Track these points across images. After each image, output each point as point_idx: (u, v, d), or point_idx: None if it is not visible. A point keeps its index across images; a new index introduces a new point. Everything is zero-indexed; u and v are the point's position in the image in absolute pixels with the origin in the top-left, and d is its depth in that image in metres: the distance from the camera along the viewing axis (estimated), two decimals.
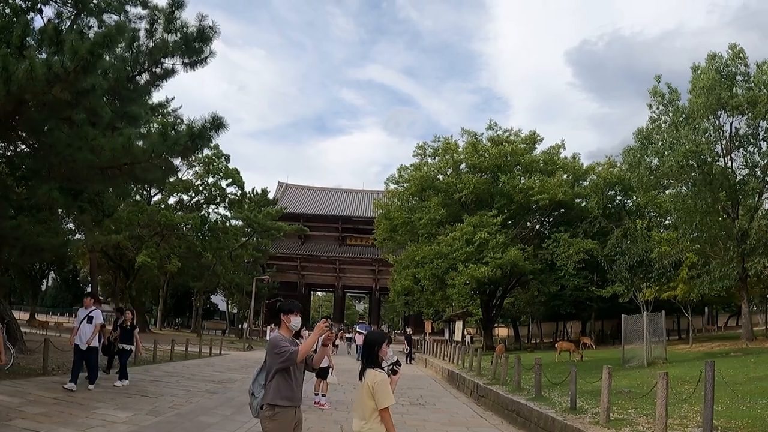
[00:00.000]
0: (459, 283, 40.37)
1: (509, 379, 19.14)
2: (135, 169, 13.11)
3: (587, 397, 14.56)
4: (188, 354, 28.24)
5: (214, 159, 53.90)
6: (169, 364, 23.25)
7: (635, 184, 34.51)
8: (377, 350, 5.33)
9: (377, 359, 5.32)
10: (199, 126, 12.94)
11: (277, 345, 5.57)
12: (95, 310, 13.61)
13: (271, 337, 6.00)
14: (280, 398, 5.53)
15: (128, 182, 14.79)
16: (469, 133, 48.32)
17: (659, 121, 33.85)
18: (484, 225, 41.92)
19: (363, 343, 5.67)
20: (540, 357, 18.88)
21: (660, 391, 9.53)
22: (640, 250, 27.08)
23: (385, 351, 5.39)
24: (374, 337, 5.50)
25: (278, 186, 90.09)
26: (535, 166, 46.79)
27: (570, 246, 41.42)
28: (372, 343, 5.40)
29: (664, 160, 30.09)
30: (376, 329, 42.30)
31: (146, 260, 44.15)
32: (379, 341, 5.41)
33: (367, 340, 5.55)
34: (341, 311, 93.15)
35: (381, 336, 5.55)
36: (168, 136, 12.67)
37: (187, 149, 13.03)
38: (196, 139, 12.90)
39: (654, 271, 27.00)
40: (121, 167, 13.09)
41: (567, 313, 50.23)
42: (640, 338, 24.22)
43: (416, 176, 47.69)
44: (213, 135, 13.14)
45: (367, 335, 5.72)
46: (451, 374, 25.73)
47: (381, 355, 5.36)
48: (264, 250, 64.25)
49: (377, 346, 5.34)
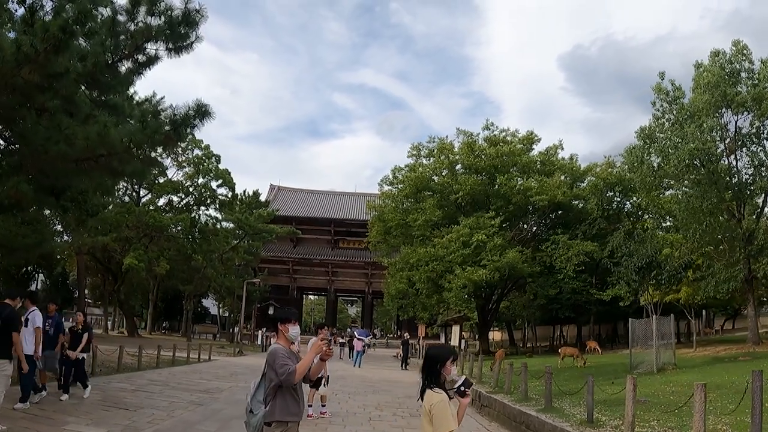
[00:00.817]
0: (456, 287, 39.30)
1: (514, 387, 18.11)
2: (112, 160, 12.01)
3: (602, 407, 13.55)
4: (176, 360, 27.06)
5: (205, 159, 52.74)
6: (155, 371, 22.06)
7: (638, 183, 33.60)
8: (440, 368, 4.62)
9: (440, 378, 4.61)
10: (182, 113, 11.85)
11: (276, 360, 5.26)
12: (32, 311, 11.64)
13: (270, 350, 5.51)
14: (288, 414, 5.32)
15: (106, 176, 13.59)
16: (465, 134, 47.37)
17: (662, 119, 33.01)
18: (481, 227, 40.93)
19: (424, 360, 4.82)
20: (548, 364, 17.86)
21: (698, 404, 8.47)
22: (648, 251, 26.07)
23: (449, 369, 4.68)
24: (437, 353, 4.77)
25: (270, 188, 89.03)
26: (532, 166, 45.86)
27: (569, 248, 40.47)
28: (434, 360, 4.68)
29: (669, 158, 29.15)
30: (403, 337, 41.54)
31: (134, 262, 42.87)
32: (443, 357, 4.69)
33: (429, 356, 4.78)
34: (333, 315, 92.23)
35: (445, 351, 4.83)
36: (148, 123, 11.55)
37: (170, 139, 11.93)
38: (179, 128, 11.83)
39: (664, 272, 25.98)
40: (97, 159, 11.99)
41: (564, 317, 49.14)
42: (643, 343, 23.28)
43: (411, 177, 46.63)
44: (198, 124, 12.06)
45: (429, 350, 4.93)
46: None
47: (444, 373, 4.65)
48: (255, 253, 63.17)
49: (440, 364, 4.64)
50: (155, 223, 45.02)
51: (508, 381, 18.05)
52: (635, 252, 26.70)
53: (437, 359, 4.63)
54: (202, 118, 12.02)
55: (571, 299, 44.20)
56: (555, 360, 32.22)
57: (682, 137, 29.54)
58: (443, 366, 4.60)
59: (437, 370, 4.60)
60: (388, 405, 17.10)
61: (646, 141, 33.16)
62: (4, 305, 9.60)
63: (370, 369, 34.45)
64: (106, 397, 13.83)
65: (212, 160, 53.01)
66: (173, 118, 11.79)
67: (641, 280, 26.85)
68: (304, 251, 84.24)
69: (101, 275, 58.81)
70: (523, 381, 16.59)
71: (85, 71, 12.70)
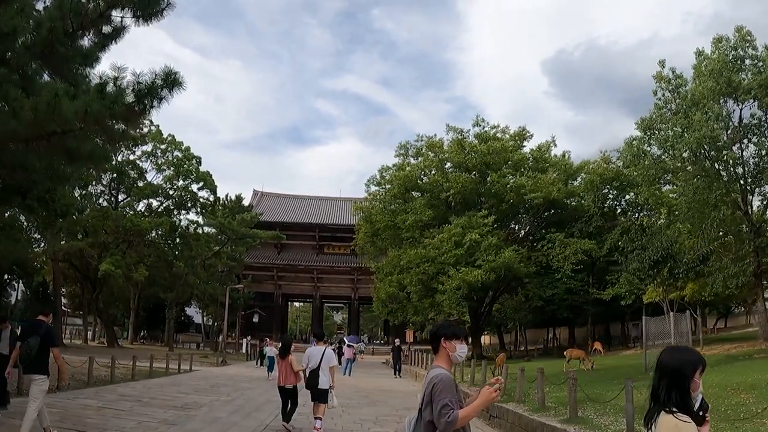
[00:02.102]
0: (450, 289, 37.60)
1: (525, 395, 16.43)
2: (67, 139, 10.20)
3: (638, 416, 11.83)
4: (153, 371, 25.15)
5: (185, 161, 50.65)
6: (128, 385, 20.13)
7: (640, 176, 32.19)
8: (688, 383, 3.15)
9: (688, 398, 3.14)
10: (147, 82, 10.08)
11: (440, 398, 3.98)
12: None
13: (434, 377, 4.16)
14: None
15: (61, 159, 11.71)
16: (455, 130, 45.76)
17: (664, 109, 31.70)
18: (473, 226, 39.31)
19: (662, 370, 3.24)
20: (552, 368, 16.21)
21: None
22: (663, 244, 24.50)
23: (697, 384, 3.22)
24: (683, 360, 3.24)
25: (253, 194, 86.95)
26: (524, 164, 44.35)
27: (566, 246, 38.98)
28: (680, 371, 3.18)
29: (674, 147, 27.76)
30: None
31: (110, 268, 40.62)
32: (692, 367, 3.20)
33: (670, 366, 3.21)
34: (320, 322, 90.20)
35: (693, 358, 3.26)
36: (107, 93, 9.75)
37: (133, 112, 10.16)
38: (144, 99, 10.05)
39: (681, 265, 24.40)
40: (50, 137, 10.18)
41: (563, 317, 47.61)
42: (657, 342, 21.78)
43: (399, 176, 44.94)
44: (166, 95, 10.29)
45: (668, 357, 3.28)
46: None
47: (693, 389, 3.19)
48: (239, 259, 61.27)
49: (689, 376, 3.17)
50: (133, 226, 42.97)
51: (520, 388, 16.33)
52: (649, 245, 25.11)
53: (682, 369, 3.16)
54: (170, 89, 10.26)
55: (568, 300, 42.78)
56: (555, 363, 30.63)
57: (687, 126, 28.18)
58: (692, 378, 3.15)
59: (685, 386, 3.13)
60: (387, 420, 15.39)
61: (646, 132, 31.97)
62: (40, 322, 9.65)
63: (361, 377, 32.65)
64: (66, 417, 11.96)
65: (193, 162, 50.95)
66: (137, 88, 10.01)
67: (656, 274, 25.24)
68: (288, 257, 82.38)
69: (80, 283, 56.83)
70: (539, 388, 14.89)
71: (40, 39, 10.97)
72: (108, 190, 50.30)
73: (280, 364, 12.69)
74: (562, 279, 40.00)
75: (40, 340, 9.20)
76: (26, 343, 9.24)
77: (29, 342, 9.20)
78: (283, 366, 12.50)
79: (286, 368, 12.39)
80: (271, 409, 15.57)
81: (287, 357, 12.46)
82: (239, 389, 21.73)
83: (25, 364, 9.43)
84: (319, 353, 12.06)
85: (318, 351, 12.13)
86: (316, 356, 11.97)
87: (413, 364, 41.04)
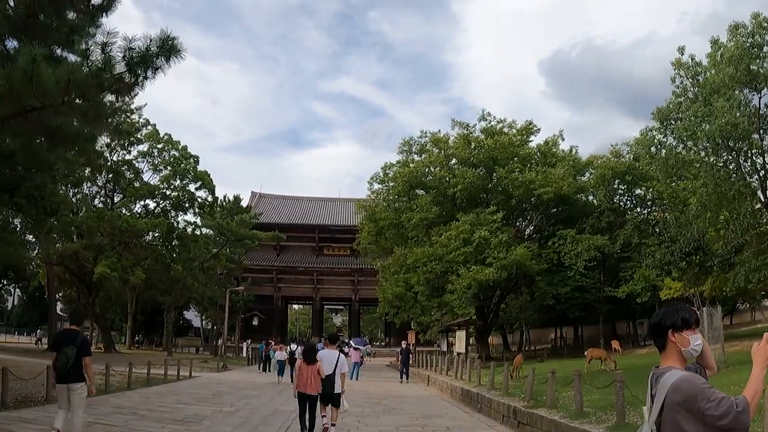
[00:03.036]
0: (460, 288, 36.17)
1: (557, 399, 15.11)
2: (47, 115, 8.84)
3: None
4: (151, 378, 23.79)
5: (182, 160, 49.18)
6: (124, 394, 18.68)
7: (658, 168, 30.93)
8: None
9: None
10: (141, 48, 8.73)
11: (704, 397, 2.84)
12: None
13: (680, 382, 2.98)
14: None
15: (41, 140, 10.33)
16: (461, 125, 44.29)
17: (682, 97, 30.50)
18: (481, 223, 37.93)
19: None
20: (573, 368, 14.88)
21: None
22: (695, 234, 23.15)
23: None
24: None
25: (252, 195, 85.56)
26: (532, 159, 42.98)
27: (578, 243, 37.60)
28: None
29: (697, 136, 26.51)
30: None
31: (106, 271, 39.17)
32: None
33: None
34: (320, 325, 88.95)
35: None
36: (93, 61, 8.41)
37: (124, 84, 8.82)
38: (136, 68, 8.71)
39: (715, 257, 22.99)
40: (27, 113, 8.82)
41: (573, 316, 46.16)
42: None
43: (404, 172, 43.41)
44: (162, 64, 8.97)
45: None
46: (466, 394, 21.51)
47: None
48: (238, 261, 59.95)
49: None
50: (129, 227, 41.55)
51: (551, 393, 14.95)
52: (679, 237, 23.75)
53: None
54: (167, 57, 8.94)
55: (579, 298, 41.44)
56: (570, 364, 29.27)
57: (708, 114, 26.94)
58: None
59: None
60: (408, 430, 14.05)
61: (663, 122, 30.80)
62: (74, 332, 9.81)
63: (369, 382, 31.28)
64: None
65: (190, 161, 49.47)
66: (128, 55, 8.66)
67: (687, 267, 23.89)
68: (288, 259, 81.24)
69: (75, 288, 55.38)
70: (577, 392, 13.52)
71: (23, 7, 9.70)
72: (104, 192, 48.95)
73: (303, 370, 11.62)
74: (574, 276, 38.64)
75: (77, 350, 9.30)
76: (62, 352, 9.26)
77: (66, 351, 9.24)
78: (308, 372, 11.53)
79: (312, 375, 11.49)
80: (281, 422, 14.26)
81: (316, 363, 11.60)
82: (243, 398, 20.37)
83: (62, 373, 9.35)
84: (333, 357, 11.85)
85: (331, 355, 11.92)
86: (331, 361, 11.71)
87: (421, 366, 39.67)
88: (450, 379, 26.86)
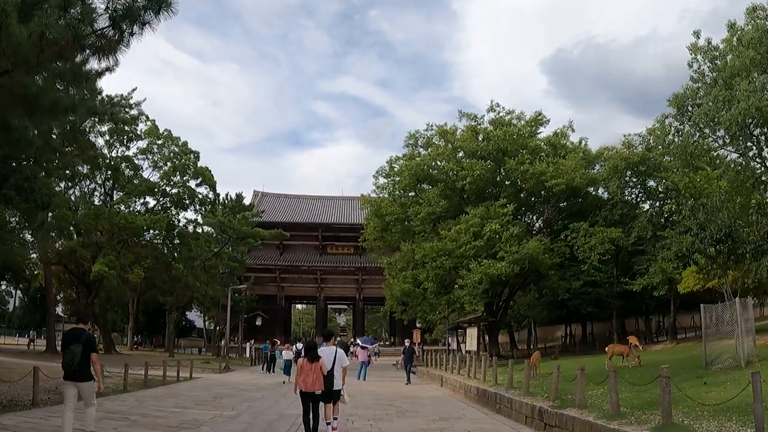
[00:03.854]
0: (471, 283, 34.95)
1: (588, 399, 13.94)
2: (20, 76, 7.68)
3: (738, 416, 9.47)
4: (149, 380, 22.57)
5: (181, 155, 47.84)
6: (119, 398, 17.38)
7: (677, 155, 29.88)
8: None
9: None
10: (126, 1, 7.57)
11: None
12: None
13: None
14: None
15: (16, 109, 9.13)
16: (468, 116, 43.20)
17: (700, 83, 29.45)
18: (491, 216, 36.74)
19: None
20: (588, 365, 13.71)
21: None
22: (726, 220, 21.95)
23: None
24: None
25: (254, 194, 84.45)
26: (541, 150, 41.79)
27: (591, 236, 36.42)
28: None
29: (719, 120, 25.41)
30: None
31: (104, 269, 37.85)
32: None
33: None
34: (324, 324, 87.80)
35: None
36: (70, 13, 7.24)
37: (107, 41, 7.65)
38: (120, 22, 7.54)
39: (748, 245, 21.77)
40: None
41: (585, 312, 44.83)
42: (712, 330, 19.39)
43: (410, 165, 42.19)
44: (151, 19, 7.82)
45: None
46: (482, 393, 20.25)
47: None
48: (240, 260, 58.80)
49: None
50: (127, 224, 40.29)
51: (580, 391, 13.75)
52: (709, 222, 22.54)
53: None
54: (156, 11, 7.78)
55: (592, 293, 40.22)
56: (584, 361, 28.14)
57: (729, 98, 25.81)
58: None
59: None
60: None
61: (680, 108, 29.74)
62: (81, 330, 10.03)
63: (377, 382, 30.00)
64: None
65: (190, 156, 48.15)
66: (112, 6, 7.50)
67: (717, 255, 22.68)
68: (291, 258, 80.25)
69: (75, 288, 54.30)
70: (613, 390, 12.30)
71: None
72: (103, 189, 47.72)
73: (305, 368, 11.28)
74: (588, 270, 37.43)
75: (82, 347, 9.49)
76: (69, 350, 9.45)
77: (72, 349, 9.43)
78: (312, 370, 11.22)
79: (316, 372, 11.21)
80: (287, 427, 13.12)
81: (319, 360, 11.35)
82: (246, 400, 19.14)
83: (69, 370, 9.50)
84: (331, 354, 11.74)
85: (329, 351, 11.77)
86: (329, 357, 11.62)
87: (430, 366, 38.40)
88: (463, 378, 25.60)
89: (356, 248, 75.76)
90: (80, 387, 9.61)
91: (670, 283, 34.41)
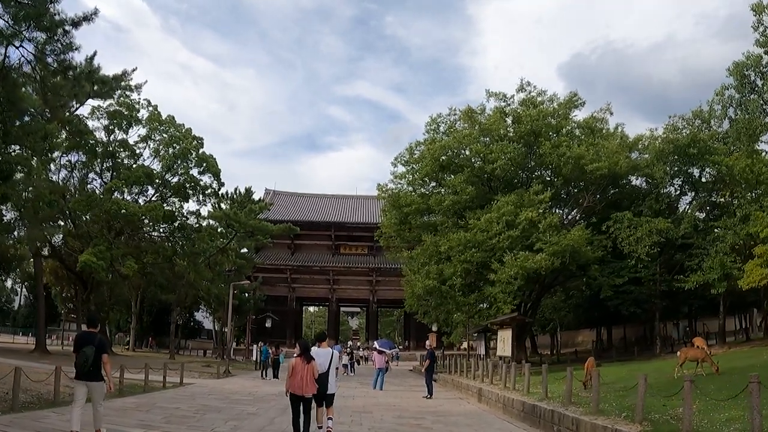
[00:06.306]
0: (505, 278, 31.11)
1: (678, 419, 10.19)
2: None
3: None
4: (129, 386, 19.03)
5: (182, 139, 44.09)
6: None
7: (737, 131, 26.36)
8: None
9: None
10: None
11: None
12: None
13: None
14: None
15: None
16: (497, 96, 39.29)
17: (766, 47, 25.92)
18: (525, 204, 33.00)
19: None
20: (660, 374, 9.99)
21: None
22: None
23: None
24: None
25: (266, 193, 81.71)
26: (577, 134, 38.12)
27: (637, 227, 32.62)
28: None
29: None
30: None
31: (91, 259, 33.89)
32: None
33: None
34: (336, 327, 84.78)
35: None
36: None
37: None
38: None
39: None
40: None
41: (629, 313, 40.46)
42: None
43: (433, 148, 38.17)
44: None
45: None
46: (531, 410, 16.12)
47: None
48: (249, 257, 55.32)
49: None
50: (120, 210, 36.71)
51: (688, 412, 9.86)
52: None
53: None
54: None
55: (634, 292, 36.27)
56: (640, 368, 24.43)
57: None
58: None
59: None
60: None
61: (741, 79, 26.28)
62: (93, 333, 10.38)
63: (396, 392, 25.92)
64: None
65: (192, 141, 44.36)
66: None
67: None
68: (302, 258, 77.65)
69: (74, 285, 51.19)
70: (755, 409, 8.48)
71: None
72: (101, 180, 44.23)
73: (298, 369, 10.77)
74: (635, 266, 33.63)
75: (95, 349, 9.85)
76: (82, 352, 9.79)
77: (85, 351, 9.78)
78: (305, 371, 10.72)
79: (308, 374, 10.74)
80: None
81: (312, 362, 10.88)
82: (234, 417, 14.87)
83: (83, 371, 9.80)
84: (327, 356, 11.58)
85: (324, 353, 11.58)
86: (324, 359, 11.42)
87: (453, 372, 34.43)
88: (499, 390, 21.55)
89: (370, 248, 74.49)
90: (91, 387, 9.86)
91: (727, 279, 30.61)
